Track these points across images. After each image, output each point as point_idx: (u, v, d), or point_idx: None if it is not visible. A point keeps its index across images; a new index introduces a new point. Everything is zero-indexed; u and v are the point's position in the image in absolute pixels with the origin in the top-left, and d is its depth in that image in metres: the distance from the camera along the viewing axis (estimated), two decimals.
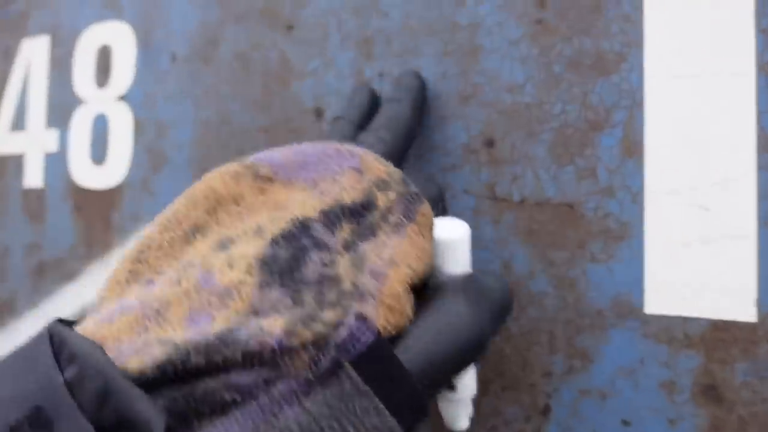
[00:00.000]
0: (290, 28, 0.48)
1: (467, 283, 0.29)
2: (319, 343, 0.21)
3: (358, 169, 0.27)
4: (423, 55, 0.43)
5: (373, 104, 0.42)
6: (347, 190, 0.26)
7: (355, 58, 0.45)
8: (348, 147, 0.28)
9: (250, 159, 0.28)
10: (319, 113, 0.46)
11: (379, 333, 0.22)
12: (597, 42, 0.38)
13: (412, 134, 0.39)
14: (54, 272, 0.60)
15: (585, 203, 0.38)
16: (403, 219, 0.26)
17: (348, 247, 0.24)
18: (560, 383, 0.39)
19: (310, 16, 0.47)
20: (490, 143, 0.41)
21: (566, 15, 0.39)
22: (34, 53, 0.63)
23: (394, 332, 0.24)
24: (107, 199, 0.57)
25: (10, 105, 0.64)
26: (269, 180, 0.26)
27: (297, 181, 0.26)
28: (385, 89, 0.44)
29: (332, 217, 0.25)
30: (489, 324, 0.28)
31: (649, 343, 0.36)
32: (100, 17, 0.59)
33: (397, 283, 0.24)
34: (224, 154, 0.50)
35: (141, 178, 0.55)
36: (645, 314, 0.36)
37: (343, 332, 0.21)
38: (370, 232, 0.25)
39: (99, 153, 0.58)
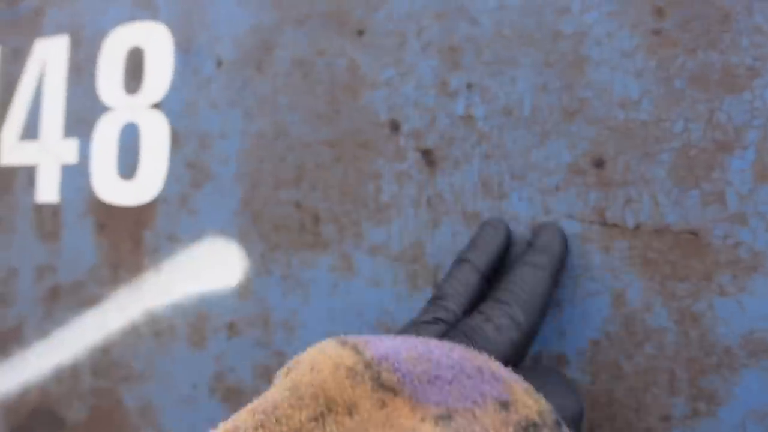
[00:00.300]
0: (361, 33, 0.44)
1: None
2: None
3: (504, 403, 0.22)
4: (520, 65, 0.39)
5: (507, 246, 0.37)
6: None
7: (438, 67, 0.41)
8: (492, 365, 0.23)
9: (370, 351, 0.22)
10: (394, 126, 0.42)
11: None
12: (725, 56, 0.35)
13: (547, 311, 0.34)
14: (70, 297, 0.54)
15: (712, 231, 0.35)
16: None
17: None
18: (681, 428, 0.35)
19: (384, 21, 0.43)
20: (599, 163, 0.37)
21: (689, 26, 0.36)
22: (49, 55, 0.57)
23: None
24: (137, 216, 0.51)
25: (21, 111, 0.58)
26: (393, 391, 0.21)
27: (427, 404, 0.21)
28: (521, 235, 0.38)
29: None
30: None
31: None
32: (131, 17, 0.53)
33: None
34: (279, 169, 0.46)
35: (179, 193, 0.49)
36: None
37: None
38: None
39: (128, 165, 0.52)
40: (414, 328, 0.30)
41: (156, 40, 0.52)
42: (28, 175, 0.57)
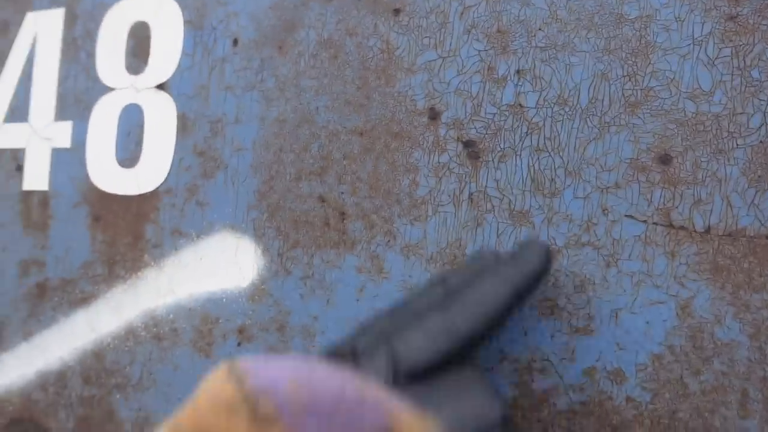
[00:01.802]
0: (397, 12, 0.40)
1: None
2: None
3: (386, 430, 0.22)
4: (577, 50, 0.36)
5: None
6: None
7: (484, 51, 0.38)
8: (375, 393, 0.23)
9: (251, 381, 0.22)
10: (433, 115, 0.39)
11: None
12: None
13: (502, 324, 0.31)
14: (58, 296, 0.49)
15: None
16: None
17: None
18: None
19: None
20: (665, 159, 0.34)
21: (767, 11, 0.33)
22: (41, 29, 0.52)
23: None
24: (137, 207, 0.47)
25: (7, 90, 0.53)
26: (270, 422, 0.21)
27: None
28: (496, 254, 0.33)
29: None
30: None
31: None
32: None
33: None
34: (302, 159, 0.41)
35: (186, 184, 0.45)
36: None
37: None
38: None
39: (128, 151, 0.47)
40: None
41: (164, 15, 0.47)
42: (14, 159, 0.52)
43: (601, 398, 0.34)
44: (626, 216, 0.34)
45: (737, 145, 0.33)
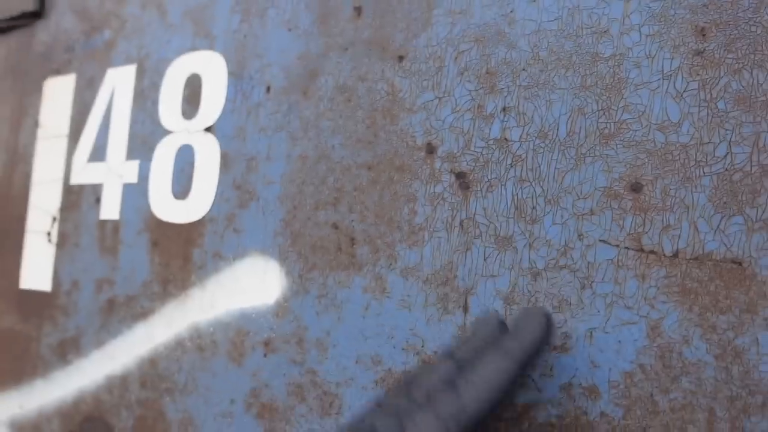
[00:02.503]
0: (401, 58, 0.45)
1: None
2: None
3: None
4: (556, 88, 0.39)
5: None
6: None
7: (475, 92, 0.41)
8: None
9: None
10: (430, 149, 0.43)
11: None
12: None
13: (509, 392, 0.32)
14: (123, 310, 0.57)
15: (757, 260, 0.33)
16: None
17: None
18: None
19: (424, 46, 0.44)
20: (636, 188, 0.36)
21: (733, 45, 0.34)
22: (118, 83, 0.62)
23: None
24: (187, 234, 0.53)
25: (91, 135, 0.62)
26: None
27: None
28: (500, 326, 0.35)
29: None
30: None
31: None
32: (192, 47, 0.57)
33: None
34: (320, 191, 0.47)
35: (226, 213, 0.51)
36: None
37: None
38: None
39: (181, 186, 0.55)
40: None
41: (212, 68, 0.55)
42: (94, 193, 0.61)
43: (577, 413, 0.36)
44: (600, 241, 0.37)
45: (704, 173, 0.34)
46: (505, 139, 0.40)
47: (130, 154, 0.59)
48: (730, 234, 0.33)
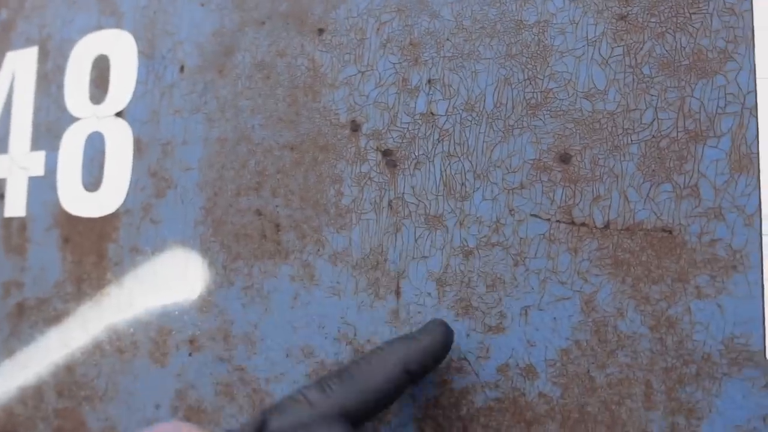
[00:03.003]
0: (321, 31, 0.42)
1: None
2: None
3: None
4: (481, 58, 0.37)
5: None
6: None
7: (399, 64, 0.39)
8: None
9: None
10: (355, 127, 0.40)
11: None
12: (695, 39, 0.32)
13: (394, 397, 0.32)
14: (35, 314, 0.52)
15: (686, 228, 0.32)
16: None
17: None
18: None
19: (344, 18, 0.41)
20: (565, 158, 0.35)
21: (656, 9, 0.33)
22: (18, 67, 0.57)
23: None
24: (101, 228, 0.50)
25: None
26: None
27: None
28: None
29: None
30: None
31: None
32: (97, 26, 0.52)
33: None
34: (241, 175, 0.44)
35: (142, 204, 0.48)
36: (767, 360, 0.30)
37: None
38: None
39: (92, 176, 0.51)
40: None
41: (120, 48, 0.51)
42: None
43: (515, 395, 0.35)
44: (531, 215, 0.35)
45: (631, 141, 0.33)
46: (431, 113, 0.38)
47: (35, 145, 0.54)
48: (659, 202, 0.33)
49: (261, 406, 0.42)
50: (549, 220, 0.35)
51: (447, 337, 0.33)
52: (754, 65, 0.31)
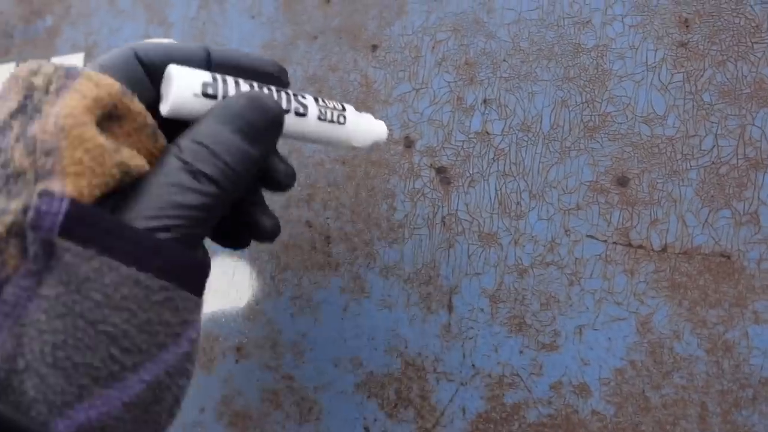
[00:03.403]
0: (375, 47, 0.43)
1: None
2: (17, 232, 0.21)
3: (14, 77, 0.24)
4: (538, 79, 0.38)
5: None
6: (11, 99, 0.23)
7: (454, 83, 0.40)
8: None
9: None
10: (408, 143, 0.41)
11: (74, 200, 0.21)
12: (757, 67, 0.33)
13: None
14: None
15: (745, 254, 0.32)
16: (66, 80, 0.23)
17: (18, 138, 0.22)
18: None
19: (398, 35, 0.42)
20: (622, 181, 0.35)
21: (717, 37, 0.34)
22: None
23: (107, 188, 0.23)
24: None
25: None
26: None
27: None
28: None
29: (3, 126, 0.23)
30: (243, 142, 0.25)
31: None
32: (145, 35, 0.53)
33: (75, 149, 0.22)
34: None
35: None
36: None
37: (31, 213, 0.21)
38: (36, 112, 0.23)
39: None
40: None
41: None
42: None
43: (567, 411, 0.36)
44: (587, 236, 0.36)
45: (690, 166, 0.34)
46: (487, 132, 0.39)
47: None
48: (717, 228, 0.33)
49: (308, 415, 0.43)
50: (605, 241, 0.35)
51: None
52: None
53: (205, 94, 0.26)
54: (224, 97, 0.26)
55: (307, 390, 0.43)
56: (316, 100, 0.30)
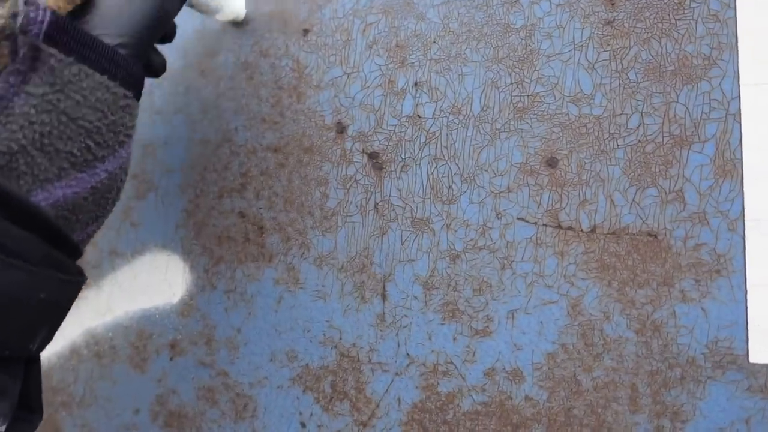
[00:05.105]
0: (306, 32, 0.42)
1: None
2: (7, 36, 0.23)
3: None
4: (468, 61, 0.37)
5: None
6: None
7: (385, 66, 0.39)
8: None
9: None
10: (341, 129, 0.40)
11: (54, 12, 0.24)
12: (680, 45, 0.33)
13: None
14: None
15: (671, 232, 0.32)
16: None
17: None
18: None
19: (329, 19, 0.41)
20: (552, 162, 0.35)
21: (642, 14, 0.33)
22: None
23: (73, 5, 0.26)
24: None
25: None
26: None
27: None
28: None
29: None
30: None
31: (755, 400, 0.30)
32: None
33: None
34: (224, 177, 0.43)
35: (121, 206, 0.47)
36: (750, 364, 0.31)
37: (21, 18, 0.23)
38: None
39: None
40: None
41: None
42: None
43: (501, 398, 0.35)
44: (518, 219, 0.35)
45: (617, 145, 0.33)
46: (418, 115, 0.38)
47: None
48: (644, 206, 0.33)
49: (244, 412, 0.41)
50: (536, 223, 0.35)
51: None
52: (738, 72, 0.31)
53: None
54: None
55: (243, 386, 0.42)
56: None
